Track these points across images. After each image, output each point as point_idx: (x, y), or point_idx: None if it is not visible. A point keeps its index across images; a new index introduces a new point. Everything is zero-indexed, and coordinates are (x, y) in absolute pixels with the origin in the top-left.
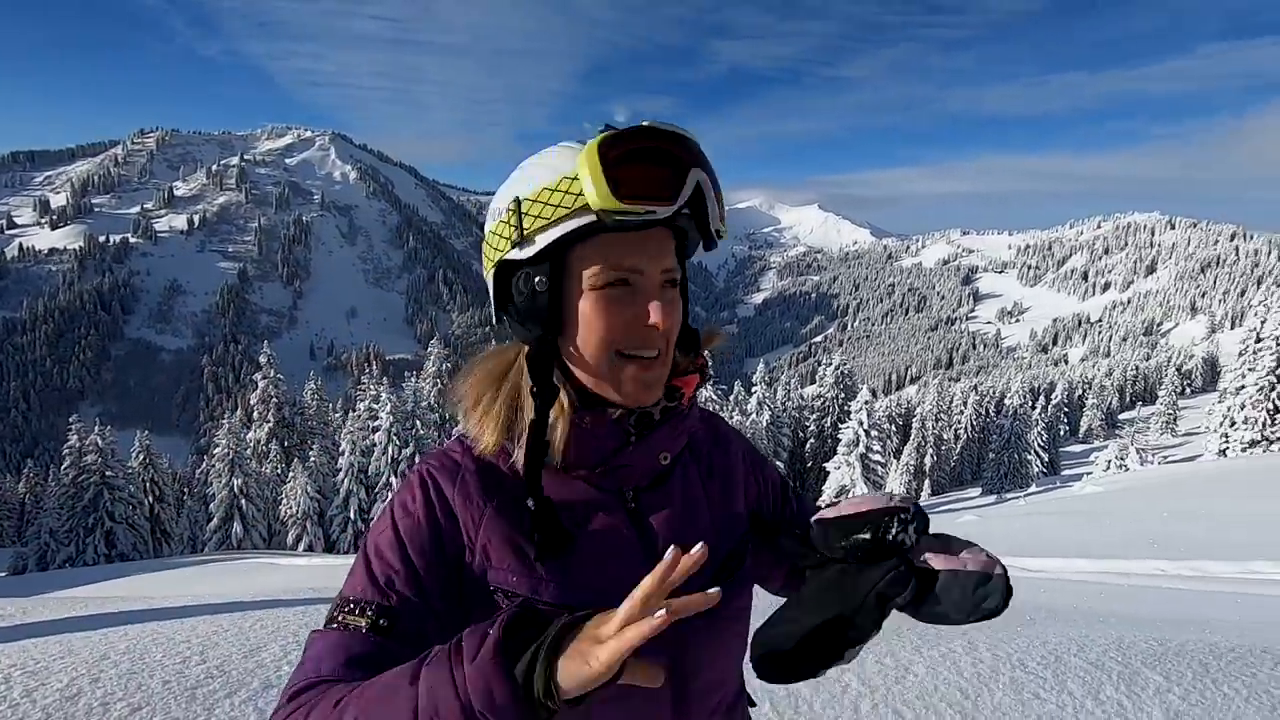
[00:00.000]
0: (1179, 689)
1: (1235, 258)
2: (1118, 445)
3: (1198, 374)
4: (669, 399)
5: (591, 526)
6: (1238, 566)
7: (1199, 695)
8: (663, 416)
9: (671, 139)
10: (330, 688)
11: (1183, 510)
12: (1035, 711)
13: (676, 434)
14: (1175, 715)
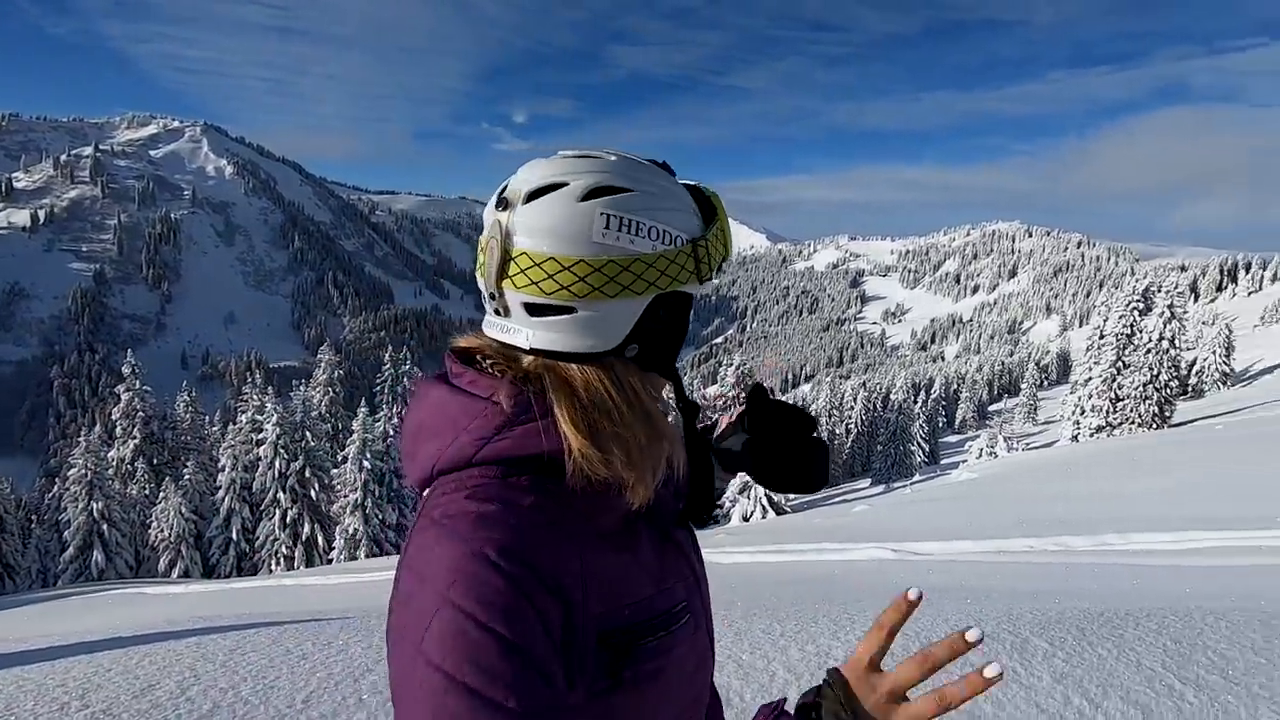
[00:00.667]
0: (1063, 652)
1: (1082, 263)
2: (988, 434)
3: (1053, 368)
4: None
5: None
6: (1092, 540)
7: (1079, 657)
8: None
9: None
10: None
11: (1044, 492)
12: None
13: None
14: (1061, 676)
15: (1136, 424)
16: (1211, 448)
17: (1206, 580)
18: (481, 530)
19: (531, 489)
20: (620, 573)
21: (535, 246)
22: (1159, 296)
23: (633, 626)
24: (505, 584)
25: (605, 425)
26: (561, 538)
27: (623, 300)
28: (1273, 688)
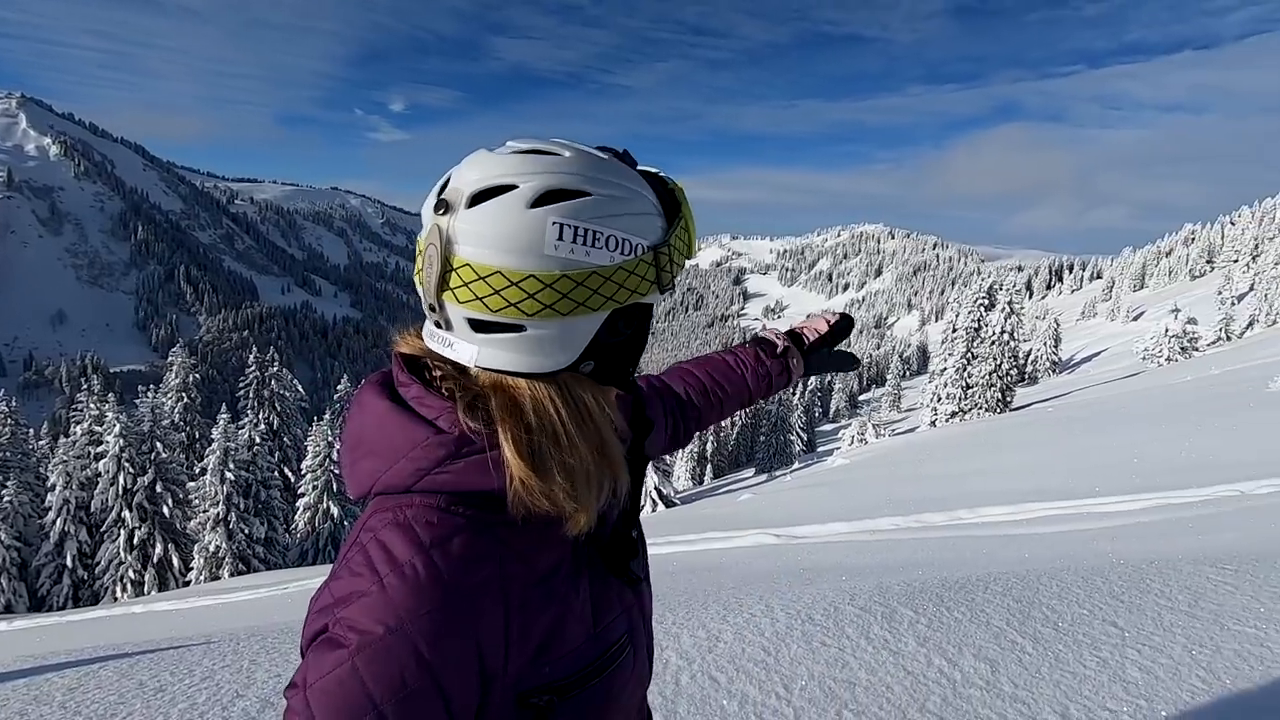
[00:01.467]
0: (925, 619)
1: (937, 263)
2: (859, 423)
3: (914, 359)
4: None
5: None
6: (948, 515)
7: (939, 622)
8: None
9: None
10: None
11: (907, 473)
12: (823, 657)
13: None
14: (924, 640)
15: (984, 409)
16: (1043, 428)
17: (1042, 546)
18: (408, 595)
19: (469, 528)
20: (551, 626)
21: (480, 258)
22: (1001, 294)
23: (556, 683)
24: (414, 664)
25: (551, 451)
26: (492, 595)
27: (578, 317)
28: (1094, 635)
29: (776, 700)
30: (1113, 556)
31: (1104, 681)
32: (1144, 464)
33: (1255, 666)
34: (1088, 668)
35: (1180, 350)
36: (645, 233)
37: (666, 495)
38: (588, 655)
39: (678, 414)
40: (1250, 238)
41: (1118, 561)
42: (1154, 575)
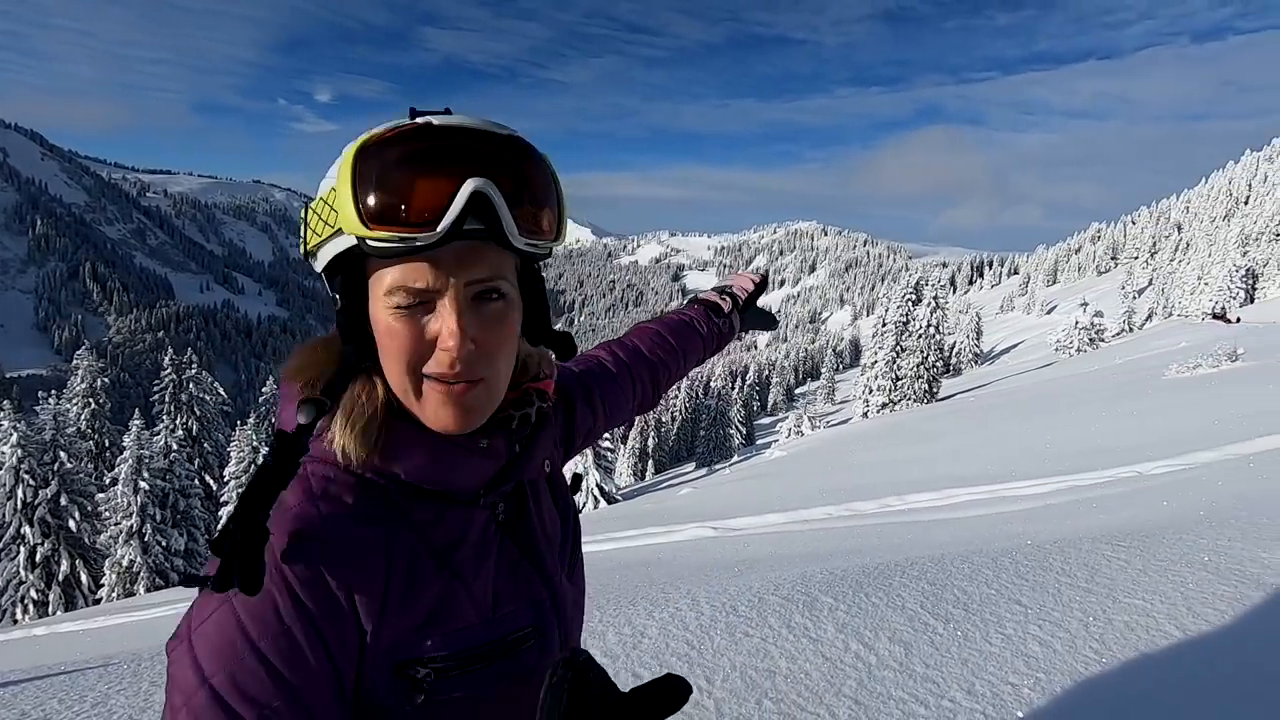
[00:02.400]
0: (844, 606)
1: (868, 260)
2: (795, 415)
3: (847, 353)
4: (541, 399)
5: (482, 552)
6: (876, 503)
7: (858, 608)
8: (538, 420)
9: (453, 136)
10: None
11: (839, 463)
12: (745, 648)
13: (551, 437)
14: (843, 626)
15: (912, 400)
16: (966, 417)
17: (961, 530)
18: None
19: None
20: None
21: None
22: (927, 290)
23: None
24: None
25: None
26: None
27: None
28: (1000, 614)
29: (699, 693)
30: (1023, 538)
31: (1007, 657)
32: (1054, 448)
33: (1141, 636)
34: (993, 645)
35: (1089, 341)
36: (320, 190)
37: (608, 492)
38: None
39: (646, 376)
40: (1149, 236)
41: (1026, 542)
42: (1056, 554)
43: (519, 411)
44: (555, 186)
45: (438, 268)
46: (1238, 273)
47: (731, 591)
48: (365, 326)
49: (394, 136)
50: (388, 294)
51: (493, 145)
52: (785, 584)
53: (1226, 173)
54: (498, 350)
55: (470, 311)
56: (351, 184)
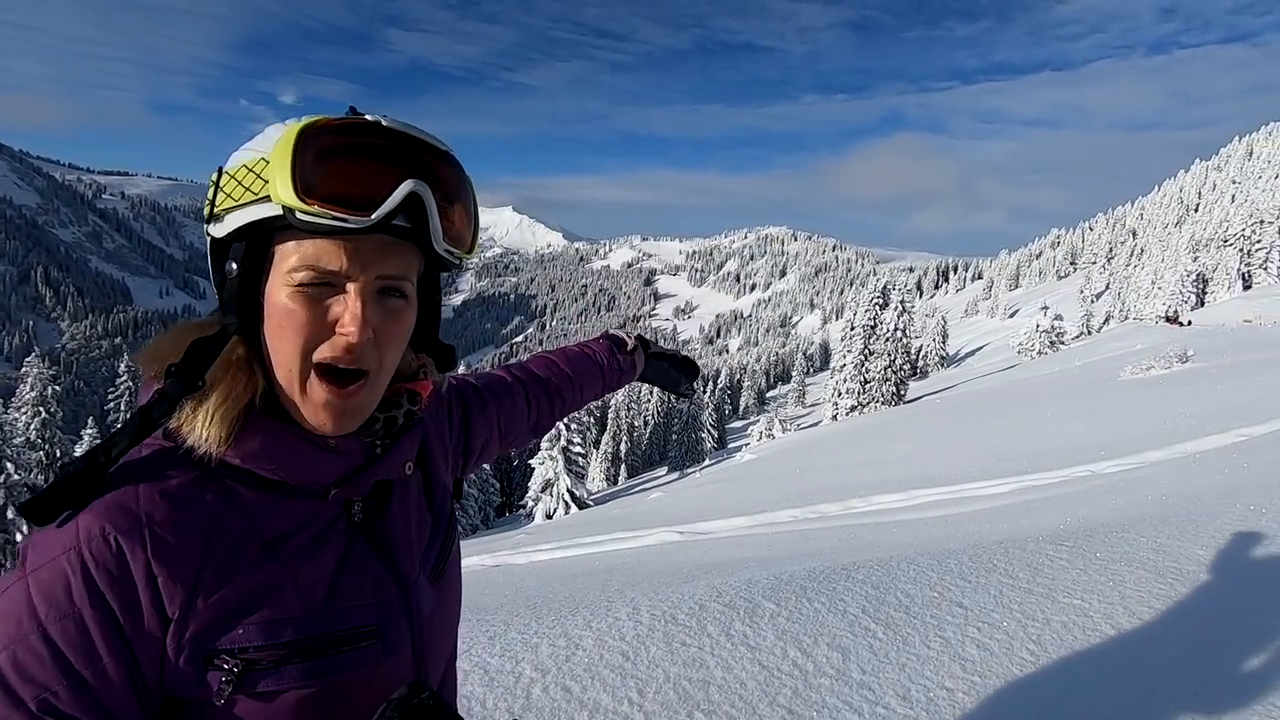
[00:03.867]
0: (786, 611)
1: (837, 264)
2: (766, 419)
3: (817, 356)
4: (411, 402)
5: (319, 544)
6: (842, 505)
7: (799, 613)
8: (405, 422)
9: (396, 139)
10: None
11: (808, 465)
12: (681, 658)
13: (417, 441)
14: (783, 633)
15: (880, 402)
16: (931, 418)
17: (919, 531)
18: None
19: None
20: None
21: None
22: (894, 294)
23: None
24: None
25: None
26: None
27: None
28: (940, 616)
29: (629, 706)
30: (973, 538)
31: (945, 661)
32: (1015, 449)
33: (1078, 636)
34: (931, 649)
35: (1049, 344)
36: (229, 163)
37: (580, 497)
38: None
39: (544, 402)
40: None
41: (972, 543)
42: (1000, 554)
43: (384, 414)
44: (475, 206)
45: (355, 255)
46: (1189, 277)
47: (673, 599)
48: (254, 302)
49: (345, 124)
50: (292, 271)
51: (432, 155)
52: (729, 590)
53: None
54: (390, 346)
55: (373, 303)
56: (293, 156)
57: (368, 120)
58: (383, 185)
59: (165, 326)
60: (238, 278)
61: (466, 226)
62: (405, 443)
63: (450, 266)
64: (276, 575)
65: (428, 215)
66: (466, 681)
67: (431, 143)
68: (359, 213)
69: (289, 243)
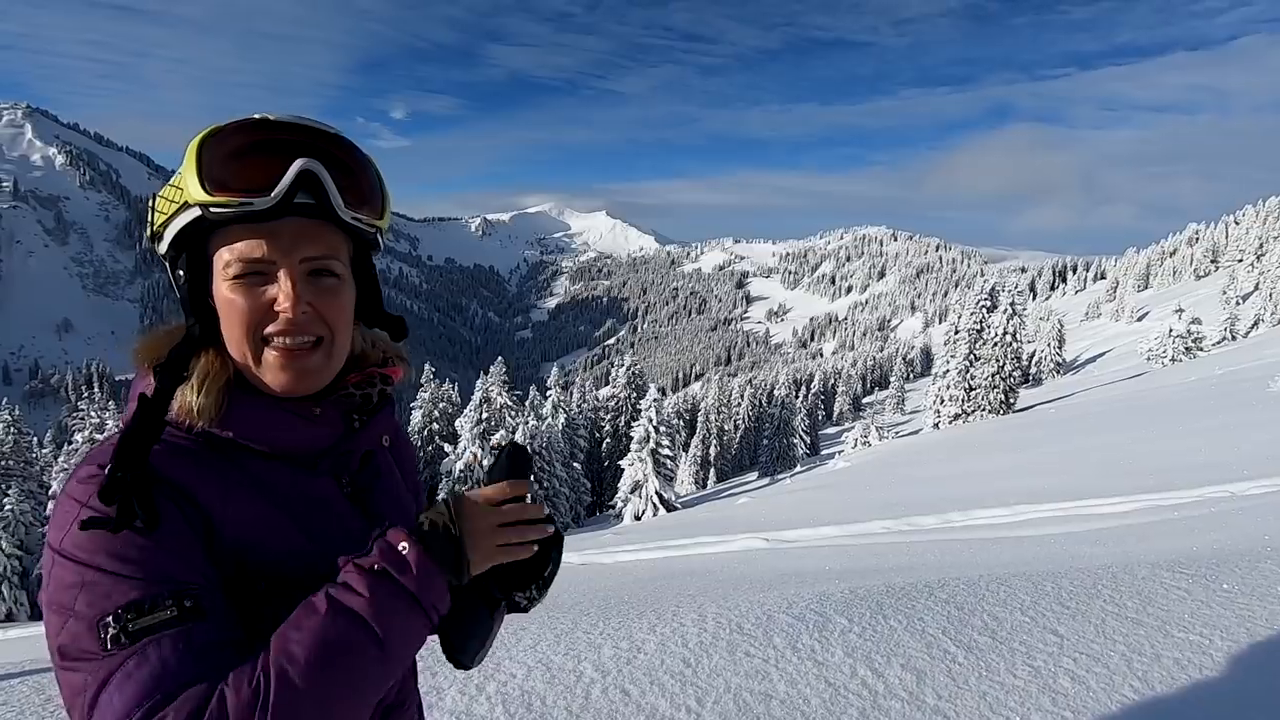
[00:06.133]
0: (858, 628)
1: (940, 265)
2: (862, 425)
3: (918, 361)
4: (384, 383)
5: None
6: (939, 519)
7: (872, 630)
8: (380, 400)
9: (280, 129)
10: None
11: (906, 476)
12: (745, 668)
13: (390, 417)
14: (853, 650)
15: (987, 410)
16: (1044, 429)
17: (1021, 549)
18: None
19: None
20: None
21: None
22: (1003, 295)
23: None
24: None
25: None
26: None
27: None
28: (1030, 643)
29: (686, 714)
30: (1082, 560)
31: (1033, 692)
32: (1140, 464)
33: (1193, 675)
34: (1018, 678)
35: (1185, 350)
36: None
37: (668, 499)
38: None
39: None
40: (1254, 237)
41: (1077, 565)
42: (1107, 580)
43: (360, 391)
44: (377, 176)
45: (276, 241)
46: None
47: (742, 608)
48: (207, 303)
49: (236, 125)
50: (226, 267)
51: (318, 137)
52: (800, 602)
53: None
54: (331, 319)
55: (305, 283)
56: (197, 160)
57: (256, 118)
58: (278, 167)
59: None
60: (186, 284)
61: (370, 197)
62: (381, 418)
63: (370, 240)
64: (284, 522)
65: (326, 190)
66: (529, 677)
67: (320, 128)
68: (260, 194)
69: (221, 246)
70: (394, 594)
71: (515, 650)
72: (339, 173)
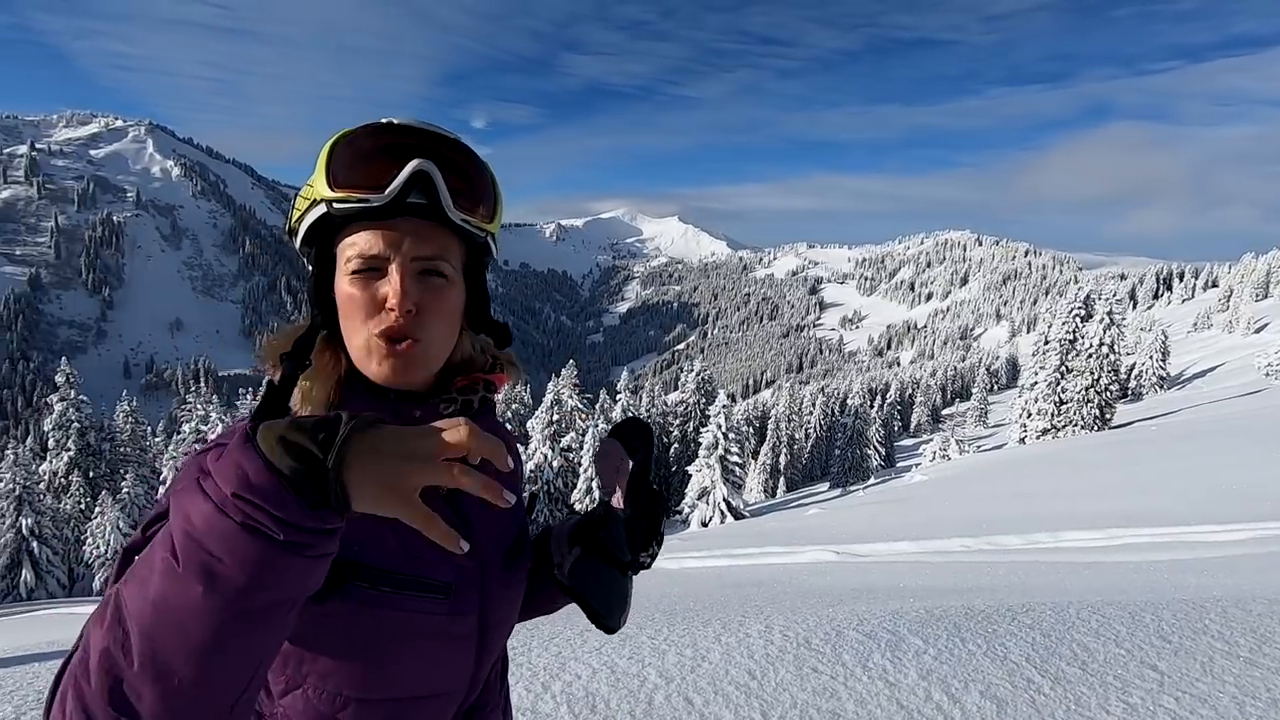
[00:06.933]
0: (934, 649)
1: (1029, 271)
2: (941, 438)
3: (1003, 372)
4: (487, 390)
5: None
6: (1024, 539)
7: (949, 653)
8: (481, 406)
9: (402, 133)
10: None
11: (988, 492)
12: (812, 685)
13: (490, 425)
14: (928, 673)
15: (1079, 426)
16: (1144, 448)
17: (1115, 576)
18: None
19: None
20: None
21: None
22: (1100, 303)
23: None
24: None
25: None
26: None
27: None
28: (1126, 678)
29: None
30: (1187, 591)
31: None
32: (1255, 490)
33: None
34: (1111, 714)
35: None
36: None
37: (735, 507)
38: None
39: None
40: None
41: (1180, 596)
42: (1216, 614)
43: (462, 396)
44: (492, 182)
45: (390, 239)
46: None
47: (811, 622)
48: (331, 295)
49: (361, 129)
50: (347, 261)
51: (438, 141)
52: (872, 619)
53: None
54: (436, 318)
55: (414, 281)
56: (327, 160)
57: (382, 122)
58: (394, 167)
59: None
60: (313, 277)
61: (482, 200)
62: (481, 424)
63: (481, 244)
64: (377, 519)
65: (437, 189)
66: (594, 679)
67: (439, 132)
68: (376, 192)
69: (343, 240)
70: (193, 499)
71: (580, 651)
72: (453, 175)
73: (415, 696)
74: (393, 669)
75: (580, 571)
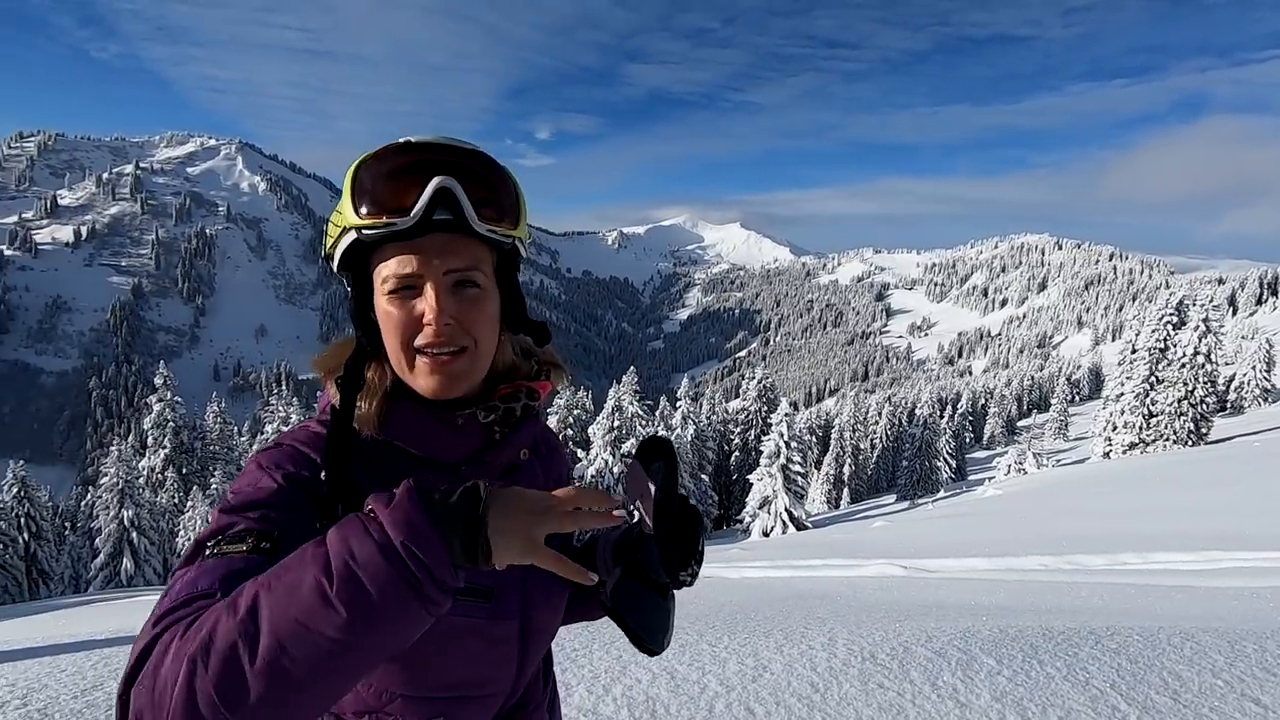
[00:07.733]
0: (1008, 670)
1: (1114, 276)
2: (1016, 450)
3: (1085, 383)
4: (530, 398)
5: None
6: (1108, 559)
7: (1025, 675)
8: (523, 414)
9: (421, 150)
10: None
11: (1068, 509)
12: (878, 701)
13: (533, 432)
14: (1002, 695)
15: (1171, 440)
16: (1244, 465)
17: (1210, 601)
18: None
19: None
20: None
21: None
22: (1194, 310)
23: None
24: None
25: None
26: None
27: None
28: (1224, 710)
29: None
30: None
31: None
32: None
33: None
34: None
35: None
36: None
37: (798, 518)
38: None
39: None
40: None
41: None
42: None
43: (505, 405)
44: (514, 186)
45: (421, 257)
46: None
47: (876, 637)
48: (371, 316)
49: (382, 152)
50: (383, 282)
51: (457, 155)
52: (942, 636)
53: None
54: (476, 327)
55: (449, 294)
56: (351, 189)
57: (401, 142)
58: (417, 188)
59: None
60: (352, 299)
61: (507, 209)
62: (523, 431)
63: (509, 250)
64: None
65: (461, 204)
66: (654, 684)
67: (458, 145)
68: (402, 215)
69: (379, 263)
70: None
71: (640, 656)
72: (476, 187)
73: (458, 695)
74: (437, 668)
75: (621, 595)
